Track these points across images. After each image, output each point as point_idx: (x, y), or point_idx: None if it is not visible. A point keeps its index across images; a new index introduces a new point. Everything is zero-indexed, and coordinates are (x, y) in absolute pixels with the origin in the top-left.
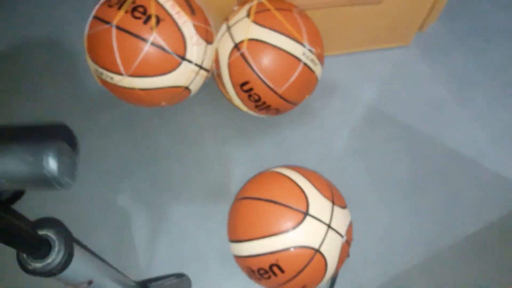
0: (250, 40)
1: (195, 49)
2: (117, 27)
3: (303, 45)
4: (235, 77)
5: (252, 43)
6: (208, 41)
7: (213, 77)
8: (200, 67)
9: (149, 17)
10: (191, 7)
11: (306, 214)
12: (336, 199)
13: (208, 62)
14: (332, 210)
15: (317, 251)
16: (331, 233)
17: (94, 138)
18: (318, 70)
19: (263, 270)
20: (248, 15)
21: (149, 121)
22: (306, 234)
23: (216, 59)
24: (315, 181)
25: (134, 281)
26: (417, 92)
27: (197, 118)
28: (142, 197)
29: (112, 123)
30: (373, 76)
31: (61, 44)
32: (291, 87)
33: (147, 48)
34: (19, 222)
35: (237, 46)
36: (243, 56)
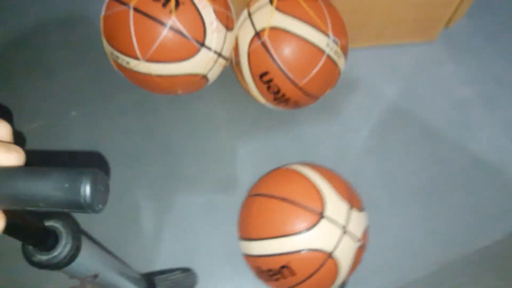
0: (272, 28)
1: (215, 35)
2: (135, 9)
3: (327, 36)
4: (255, 67)
5: (274, 32)
6: (228, 27)
7: (231, 66)
8: (219, 54)
9: (168, 0)
10: None
11: (322, 215)
12: (354, 201)
13: (227, 50)
14: (349, 212)
15: (330, 255)
16: (346, 237)
17: (105, 123)
18: (341, 63)
19: (272, 271)
20: (271, 1)
21: (162, 109)
22: (320, 237)
23: (236, 47)
24: (333, 181)
25: (139, 273)
26: (442, 92)
27: (212, 109)
28: (151, 187)
29: (125, 109)
30: (397, 73)
31: (79, 25)
32: (312, 80)
33: (165, 32)
34: (25, 213)
35: (258, 34)
36: (264, 45)
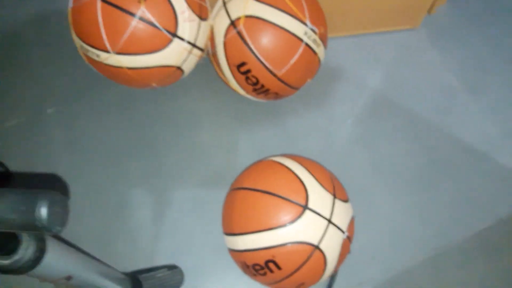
0: (248, 17)
1: (188, 25)
2: (103, 0)
3: (305, 24)
4: (232, 57)
5: (250, 21)
6: (202, 17)
7: (208, 57)
8: (193, 45)
9: None
10: None
11: (305, 207)
12: (338, 192)
13: (202, 40)
14: (333, 203)
15: (316, 247)
16: (331, 228)
17: (85, 121)
18: (321, 51)
19: (258, 266)
20: None
21: (143, 104)
22: (304, 229)
23: (212, 37)
24: (316, 172)
25: (123, 273)
26: (426, 79)
27: (193, 102)
28: (134, 184)
29: (104, 106)
30: (380, 61)
31: (52, 19)
32: (291, 70)
33: (135, 23)
34: None
35: (233, 23)
36: (240, 35)
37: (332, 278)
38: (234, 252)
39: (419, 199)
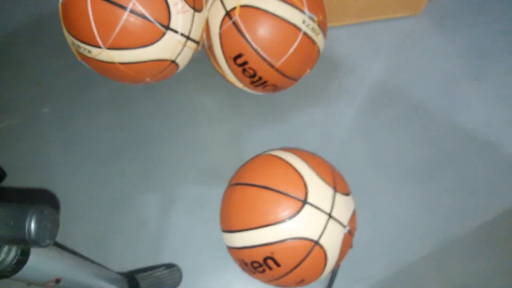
0: (243, 6)
1: (181, 17)
2: None
3: (303, 12)
4: (228, 49)
5: (245, 10)
6: (196, 8)
7: (204, 50)
8: (188, 37)
9: None
10: None
11: (305, 202)
12: (339, 186)
13: (196, 32)
14: (334, 197)
15: (316, 243)
16: (332, 223)
17: (80, 119)
18: (320, 40)
19: (256, 263)
20: None
21: (138, 100)
22: (304, 225)
23: (207, 29)
24: (315, 166)
25: (119, 273)
26: (429, 66)
27: (190, 97)
28: (131, 182)
29: (99, 102)
30: (381, 49)
31: (46, 18)
32: (289, 60)
33: (125, 16)
34: None
35: (228, 14)
36: (235, 25)
37: (333, 273)
38: (232, 250)
39: (422, 190)
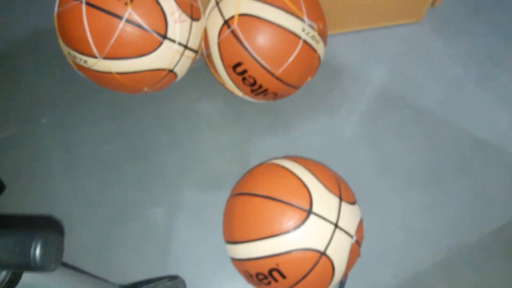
0: (242, 15)
1: (178, 26)
2: (87, 3)
3: (302, 20)
4: (227, 58)
5: (244, 19)
6: (193, 17)
7: (203, 59)
8: (185, 47)
9: None
10: None
11: (310, 212)
12: (344, 194)
13: (194, 41)
14: (340, 207)
15: (323, 254)
16: (338, 233)
17: (80, 129)
18: (320, 48)
19: (262, 275)
20: None
21: (138, 109)
22: (310, 235)
23: (205, 38)
24: (320, 174)
25: (121, 285)
26: (432, 72)
27: (191, 105)
28: (132, 192)
29: (98, 111)
30: (384, 56)
31: (44, 31)
32: (290, 68)
33: (121, 26)
34: None
35: (227, 23)
36: (234, 34)
37: (341, 284)
38: (236, 261)
39: (430, 197)
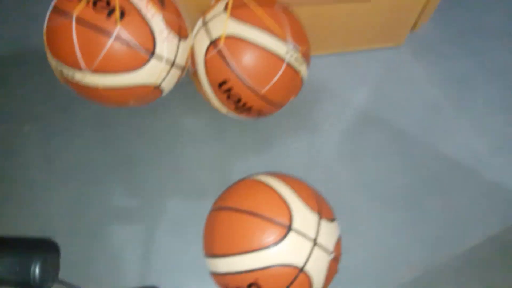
0: (228, 36)
1: (166, 44)
2: (77, 20)
3: (286, 43)
4: (213, 75)
5: (230, 40)
6: (181, 36)
7: (189, 76)
8: (172, 64)
9: (113, 9)
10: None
11: (290, 228)
12: (324, 211)
13: (181, 59)
14: (319, 224)
15: (302, 270)
16: (317, 249)
17: (62, 137)
18: (303, 70)
19: None
20: (226, 9)
21: (123, 122)
22: (289, 251)
23: (192, 56)
24: (300, 191)
25: None
26: (411, 95)
27: (175, 120)
28: (114, 204)
29: (83, 122)
30: (365, 78)
31: (30, 36)
32: (274, 88)
33: (110, 42)
34: None
35: (214, 43)
36: (220, 54)
37: None
38: (216, 275)
39: (407, 216)
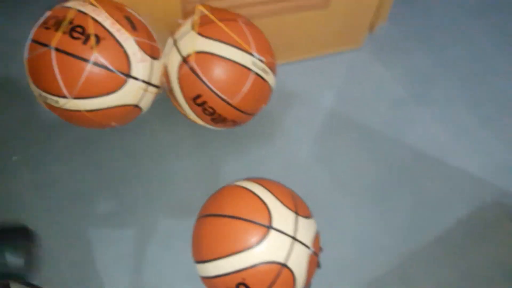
0: (198, 52)
1: (141, 65)
2: (56, 49)
3: (252, 55)
4: (187, 91)
5: (200, 56)
6: (154, 56)
7: (165, 93)
8: (148, 83)
9: (89, 36)
10: (132, 24)
11: (270, 227)
12: (300, 209)
13: (156, 78)
14: (296, 221)
15: (284, 265)
16: (297, 245)
17: (49, 163)
18: (270, 79)
19: None
20: (193, 27)
21: (106, 142)
22: (271, 249)
23: (166, 74)
24: (278, 193)
25: None
26: (375, 94)
27: (156, 135)
28: (104, 221)
29: (68, 146)
30: (330, 81)
31: (10, 63)
32: (244, 98)
33: (89, 68)
34: None
35: (185, 60)
36: (192, 70)
37: None
38: (206, 279)
39: (381, 208)
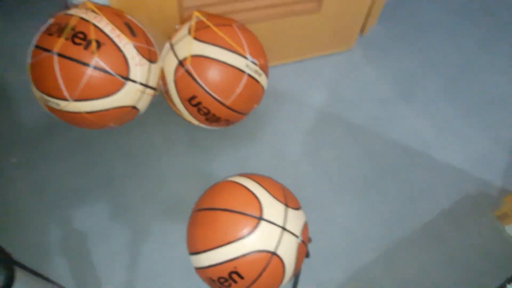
0: (194, 56)
1: (139, 69)
2: (59, 54)
3: (245, 58)
4: (183, 92)
5: (196, 59)
6: (151, 60)
7: (161, 94)
8: (146, 85)
9: (90, 42)
10: (131, 30)
11: (261, 219)
12: (289, 201)
13: (153, 81)
14: (286, 212)
15: (274, 253)
16: (286, 235)
17: (47, 164)
18: (263, 80)
19: (223, 278)
20: (189, 32)
21: (101, 143)
22: (261, 239)
23: (163, 76)
24: (268, 186)
25: None
26: (363, 93)
27: (151, 136)
28: (100, 220)
29: (64, 148)
30: (321, 81)
31: (9, 69)
32: (238, 98)
33: (89, 72)
34: None
35: (181, 63)
36: (188, 72)
37: (295, 279)
38: (200, 270)
39: (367, 199)
